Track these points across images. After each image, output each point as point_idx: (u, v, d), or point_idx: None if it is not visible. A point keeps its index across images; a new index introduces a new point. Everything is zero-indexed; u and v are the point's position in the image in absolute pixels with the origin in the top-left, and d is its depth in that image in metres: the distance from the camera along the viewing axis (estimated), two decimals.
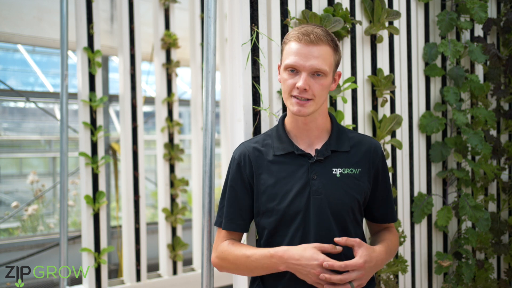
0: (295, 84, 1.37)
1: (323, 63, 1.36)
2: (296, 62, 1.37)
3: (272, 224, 1.43)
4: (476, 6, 2.20)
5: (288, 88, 1.39)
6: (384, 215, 1.56)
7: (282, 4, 1.84)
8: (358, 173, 1.45)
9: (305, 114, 1.39)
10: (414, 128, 2.24)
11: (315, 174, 1.41)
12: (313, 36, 1.37)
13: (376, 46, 2.11)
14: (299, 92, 1.37)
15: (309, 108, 1.38)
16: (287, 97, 1.41)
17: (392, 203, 1.57)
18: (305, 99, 1.37)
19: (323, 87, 1.38)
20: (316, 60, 1.36)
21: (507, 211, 2.52)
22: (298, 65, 1.37)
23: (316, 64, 1.36)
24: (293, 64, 1.37)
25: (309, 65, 1.36)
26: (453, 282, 2.22)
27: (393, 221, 1.57)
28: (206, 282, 1.59)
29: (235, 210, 1.47)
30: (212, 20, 1.61)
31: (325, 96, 1.42)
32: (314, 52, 1.36)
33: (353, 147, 1.48)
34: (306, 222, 1.40)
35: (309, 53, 1.36)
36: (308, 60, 1.36)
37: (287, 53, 1.40)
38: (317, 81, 1.37)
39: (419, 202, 2.20)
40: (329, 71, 1.38)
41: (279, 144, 1.47)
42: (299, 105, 1.38)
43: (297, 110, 1.38)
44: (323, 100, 1.42)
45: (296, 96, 1.37)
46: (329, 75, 1.39)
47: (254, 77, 1.76)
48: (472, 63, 2.42)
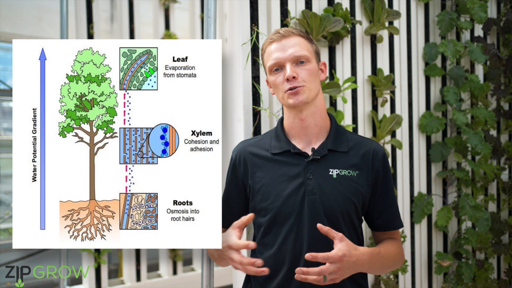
0: (284, 79, 1.39)
1: (301, 49, 1.40)
2: (277, 57, 1.40)
3: (266, 223, 1.43)
4: (476, 6, 2.20)
5: (279, 85, 1.41)
6: (385, 222, 1.48)
7: (282, 4, 1.84)
8: (356, 176, 1.41)
9: (302, 101, 1.38)
10: (414, 128, 2.24)
11: (311, 174, 1.40)
12: (283, 31, 1.42)
13: (376, 46, 2.11)
14: (290, 83, 1.38)
15: (303, 94, 1.38)
16: (281, 96, 1.42)
17: (395, 209, 1.49)
18: (296, 87, 1.38)
19: (310, 72, 1.40)
20: (293, 48, 1.40)
21: (507, 211, 2.52)
22: (279, 59, 1.40)
23: (295, 51, 1.39)
24: (275, 61, 1.40)
25: (289, 54, 1.39)
26: (453, 282, 2.22)
27: (396, 228, 1.49)
28: (206, 282, 1.59)
29: (228, 208, 1.50)
30: (212, 20, 1.61)
31: (317, 84, 1.42)
32: (289, 43, 1.41)
33: (352, 149, 1.44)
34: (299, 222, 1.39)
35: (285, 45, 1.40)
36: (286, 51, 1.40)
37: (267, 58, 1.44)
38: (302, 68, 1.40)
39: (419, 202, 2.20)
40: (310, 56, 1.41)
41: (276, 143, 1.47)
42: (293, 95, 1.38)
43: (294, 100, 1.38)
44: (315, 87, 1.41)
45: (288, 88, 1.39)
46: (312, 61, 1.41)
47: (254, 77, 1.76)
48: (472, 63, 2.42)
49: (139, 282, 3.13)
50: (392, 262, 1.45)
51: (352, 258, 1.29)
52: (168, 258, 3.26)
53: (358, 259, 1.30)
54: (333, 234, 1.29)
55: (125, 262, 3.13)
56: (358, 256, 1.31)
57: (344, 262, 1.27)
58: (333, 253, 1.27)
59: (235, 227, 1.37)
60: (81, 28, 2.79)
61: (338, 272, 1.27)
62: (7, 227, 3.99)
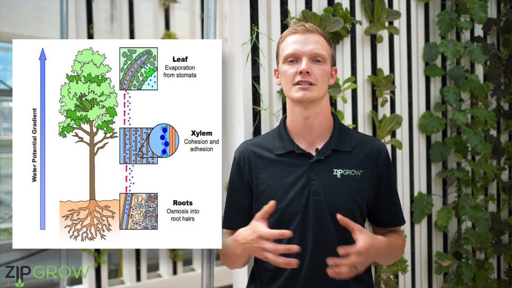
0: (297, 71, 1.38)
1: (321, 48, 1.40)
2: (296, 49, 1.39)
3: (271, 224, 1.41)
4: (476, 6, 2.20)
5: (291, 76, 1.39)
6: (389, 219, 1.50)
7: (282, 4, 1.84)
8: (360, 175, 1.42)
9: (310, 98, 1.37)
10: (414, 128, 2.24)
11: (315, 175, 1.40)
12: (309, 26, 1.42)
13: (376, 46, 2.11)
14: (302, 76, 1.37)
15: (313, 93, 1.38)
16: (290, 88, 1.40)
17: (398, 206, 1.51)
18: (308, 83, 1.37)
19: (324, 72, 1.39)
20: (314, 45, 1.39)
21: (507, 211, 2.52)
22: (298, 52, 1.39)
23: (315, 49, 1.39)
24: (293, 52, 1.39)
25: (309, 50, 1.38)
26: (453, 282, 2.22)
27: (399, 224, 1.52)
28: (206, 282, 1.59)
29: (233, 209, 1.49)
30: (212, 20, 1.61)
31: (326, 85, 1.42)
32: (311, 38, 1.40)
33: (356, 148, 1.45)
34: (304, 223, 1.39)
35: (307, 39, 1.40)
36: (307, 45, 1.39)
37: (285, 47, 1.42)
38: (317, 66, 1.39)
39: (419, 202, 2.20)
40: (327, 57, 1.41)
41: (280, 143, 1.46)
42: (303, 90, 1.37)
43: (302, 94, 1.37)
44: (324, 88, 1.41)
45: (299, 81, 1.38)
46: (327, 63, 1.41)
47: (254, 77, 1.76)
48: (472, 63, 2.42)
49: (139, 282, 3.13)
50: (398, 253, 1.49)
51: (375, 248, 1.31)
52: (168, 258, 3.26)
53: (379, 248, 1.34)
54: (353, 225, 1.30)
55: (125, 262, 3.13)
56: (379, 245, 1.34)
57: (370, 252, 1.29)
58: (361, 245, 1.28)
59: (259, 219, 1.33)
60: (81, 28, 2.79)
61: (365, 263, 1.30)
62: (7, 227, 3.99)
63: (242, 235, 1.35)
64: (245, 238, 1.33)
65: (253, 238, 1.30)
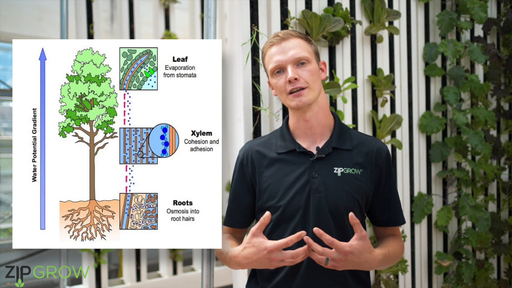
0: (286, 81, 1.41)
1: (301, 51, 1.42)
2: (278, 60, 1.42)
3: (273, 221, 1.44)
4: (476, 6, 2.20)
5: (282, 87, 1.43)
6: (389, 219, 1.52)
7: (282, 4, 1.84)
8: (360, 174, 1.44)
9: (306, 102, 1.40)
10: (414, 128, 2.24)
11: (316, 173, 1.42)
12: (282, 34, 1.45)
13: (376, 46, 2.11)
14: (292, 84, 1.40)
15: (307, 96, 1.41)
16: (285, 98, 1.44)
17: (398, 206, 1.53)
18: (299, 89, 1.40)
19: (311, 72, 1.42)
20: (293, 50, 1.42)
21: (507, 211, 2.52)
22: (280, 62, 1.42)
23: (295, 53, 1.41)
24: (276, 64, 1.42)
25: (290, 56, 1.41)
26: (453, 282, 2.22)
27: (398, 224, 1.53)
28: (206, 282, 1.59)
29: (236, 207, 1.52)
30: (212, 20, 1.61)
31: (319, 84, 1.44)
32: (289, 45, 1.43)
33: (356, 147, 1.47)
34: (305, 220, 1.41)
35: (284, 47, 1.43)
36: (287, 53, 1.42)
37: (268, 61, 1.46)
38: (303, 69, 1.41)
39: (419, 202, 2.20)
40: (310, 57, 1.43)
41: (282, 142, 1.49)
42: (296, 97, 1.41)
43: (297, 101, 1.41)
44: (317, 87, 1.43)
45: (291, 90, 1.41)
46: (312, 62, 1.43)
47: (254, 77, 1.76)
48: (472, 63, 2.42)
49: (139, 282, 3.13)
50: (395, 260, 1.49)
51: (360, 259, 1.32)
52: (168, 258, 3.26)
53: (367, 261, 1.33)
54: (358, 229, 1.31)
55: (125, 262, 3.13)
56: (369, 259, 1.33)
57: (348, 257, 1.30)
58: (341, 243, 1.30)
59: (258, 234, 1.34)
60: (81, 28, 2.79)
61: (340, 262, 1.31)
62: (7, 227, 3.99)
63: (244, 255, 1.36)
64: (249, 258, 1.35)
65: (263, 254, 1.32)
